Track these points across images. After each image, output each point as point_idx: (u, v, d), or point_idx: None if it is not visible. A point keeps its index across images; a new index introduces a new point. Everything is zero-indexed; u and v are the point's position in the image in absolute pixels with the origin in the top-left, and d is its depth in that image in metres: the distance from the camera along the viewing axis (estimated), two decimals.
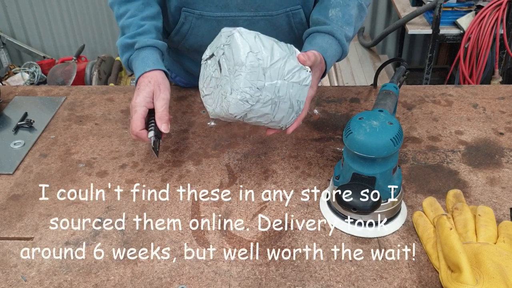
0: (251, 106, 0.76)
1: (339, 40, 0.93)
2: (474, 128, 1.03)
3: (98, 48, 3.38)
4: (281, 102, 0.79)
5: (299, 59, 0.80)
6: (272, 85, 0.77)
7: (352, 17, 0.95)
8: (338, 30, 0.93)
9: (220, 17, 1.00)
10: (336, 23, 0.94)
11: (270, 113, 0.79)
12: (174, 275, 0.73)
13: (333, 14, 0.95)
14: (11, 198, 0.89)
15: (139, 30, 0.95)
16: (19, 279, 0.73)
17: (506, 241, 0.71)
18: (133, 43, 0.95)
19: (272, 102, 0.78)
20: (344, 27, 0.94)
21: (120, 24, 0.99)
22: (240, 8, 0.99)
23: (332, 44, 0.92)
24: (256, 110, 0.78)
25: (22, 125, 1.08)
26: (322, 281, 0.71)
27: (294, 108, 0.82)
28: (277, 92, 0.78)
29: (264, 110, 0.78)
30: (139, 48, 0.94)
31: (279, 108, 0.80)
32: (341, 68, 2.87)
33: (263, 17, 1.00)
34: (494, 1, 2.44)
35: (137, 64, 0.94)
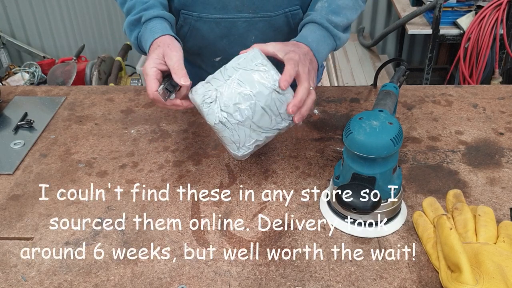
0: (215, 101, 0.78)
1: (321, 24, 0.91)
2: (474, 128, 1.03)
3: (98, 48, 3.38)
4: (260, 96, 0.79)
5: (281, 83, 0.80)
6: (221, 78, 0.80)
7: (341, 7, 0.94)
8: (319, 15, 0.92)
9: (219, 19, 1.00)
10: (320, 13, 0.93)
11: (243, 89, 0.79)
12: (174, 275, 0.73)
13: (319, 6, 0.95)
14: (11, 198, 0.89)
15: (143, 6, 0.92)
16: (19, 279, 0.73)
17: (506, 241, 0.71)
18: (139, 17, 0.92)
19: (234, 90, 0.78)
20: (329, 14, 0.93)
21: (125, 10, 0.97)
22: (239, 9, 0.99)
23: (315, 30, 0.91)
24: (226, 99, 0.78)
25: (22, 125, 1.08)
26: (322, 281, 0.71)
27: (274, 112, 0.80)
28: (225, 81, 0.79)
29: (233, 91, 0.78)
30: (146, 21, 0.91)
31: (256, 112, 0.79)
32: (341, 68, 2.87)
33: (261, 18, 1.00)
34: (494, 1, 2.44)
35: (146, 36, 0.90)
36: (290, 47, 0.85)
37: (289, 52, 0.83)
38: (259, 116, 0.79)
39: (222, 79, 0.80)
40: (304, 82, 0.80)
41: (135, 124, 1.07)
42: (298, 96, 0.79)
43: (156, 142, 1.01)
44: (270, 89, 0.78)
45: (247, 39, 1.03)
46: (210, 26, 1.01)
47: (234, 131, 0.79)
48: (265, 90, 0.78)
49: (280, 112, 0.80)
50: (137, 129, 1.06)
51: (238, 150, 0.82)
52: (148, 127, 1.06)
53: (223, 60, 1.08)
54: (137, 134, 1.04)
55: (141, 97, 1.17)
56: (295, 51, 0.83)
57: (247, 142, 0.81)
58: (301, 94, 0.79)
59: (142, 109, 1.13)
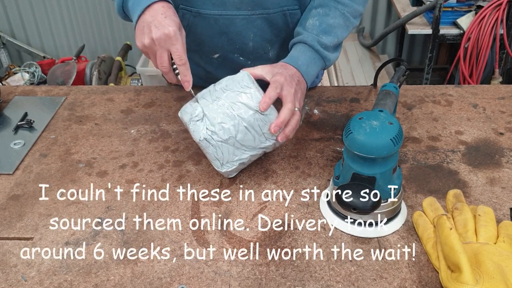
0: (202, 119, 0.83)
1: (311, 46, 0.94)
2: (474, 128, 1.03)
3: (98, 48, 3.38)
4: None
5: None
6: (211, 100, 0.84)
7: (331, 27, 0.96)
8: (310, 36, 0.94)
9: (218, 16, 1.00)
10: (311, 32, 0.95)
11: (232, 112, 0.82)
12: (174, 275, 0.73)
13: (310, 23, 0.96)
14: (11, 198, 0.89)
15: None
16: (19, 279, 0.73)
17: (506, 241, 0.71)
18: None
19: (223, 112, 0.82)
20: (320, 35, 0.95)
21: None
22: (237, 6, 0.99)
23: (305, 51, 0.94)
24: (211, 118, 0.82)
25: (22, 125, 1.08)
26: (322, 281, 0.71)
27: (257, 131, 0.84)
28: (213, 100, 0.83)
29: (219, 111, 0.82)
30: None
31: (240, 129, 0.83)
32: (341, 68, 2.87)
33: (260, 15, 1.00)
34: (494, 1, 2.44)
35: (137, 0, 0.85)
36: (278, 69, 0.88)
37: (275, 74, 0.86)
38: (243, 135, 0.83)
39: (210, 99, 0.84)
40: (288, 103, 0.83)
41: (135, 124, 1.07)
42: (281, 117, 0.82)
43: (156, 142, 1.01)
44: (253, 110, 0.82)
45: (245, 36, 1.03)
46: (208, 22, 1.01)
47: (218, 148, 0.83)
48: (249, 111, 0.82)
49: (263, 132, 0.84)
50: (137, 129, 1.06)
51: (222, 166, 0.86)
52: (148, 127, 1.06)
53: (221, 57, 1.08)
54: (137, 134, 1.04)
55: (141, 97, 1.17)
56: (281, 73, 0.87)
57: (231, 159, 0.85)
58: (284, 115, 0.82)
59: (142, 109, 1.13)
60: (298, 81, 0.89)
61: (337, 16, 0.97)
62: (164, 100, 1.15)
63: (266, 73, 0.87)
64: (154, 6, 0.83)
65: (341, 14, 0.97)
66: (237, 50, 1.06)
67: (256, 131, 0.84)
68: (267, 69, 0.88)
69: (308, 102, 1.13)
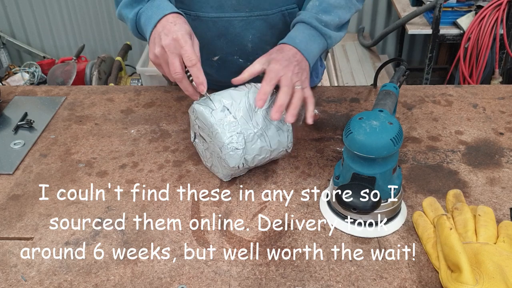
0: (242, 150, 0.82)
1: (309, 23, 0.91)
2: (474, 128, 1.03)
3: (98, 48, 3.38)
4: (266, 130, 0.84)
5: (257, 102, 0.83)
6: (247, 122, 0.83)
7: (332, 6, 0.94)
8: (307, 14, 0.92)
9: (216, 18, 1.00)
10: (309, 11, 0.93)
11: (264, 144, 0.84)
12: (174, 275, 0.73)
13: (310, 5, 0.95)
14: (11, 198, 0.89)
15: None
16: (19, 279, 0.73)
17: (506, 241, 0.71)
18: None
19: (257, 134, 0.83)
20: (319, 13, 0.92)
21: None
22: (235, 8, 0.99)
23: (303, 30, 0.91)
24: (250, 150, 0.83)
25: (22, 125, 1.08)
26: (322, 281, 0.71)
27: (283, 128, 0.86)
28: (256, 125, 0.83)
29: (257, 145, 0.84)
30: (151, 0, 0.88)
31: (268, 136, 0.85)
32: (341, 68, 2.87)
33: (258, 16, 1.00)
34: (494, 1, 2.44)
35: (151, 13, 0.87)
36: (274, 54, 0.87)
37: (270, 63, 0.85)
38: (262, 162, 0.88)
39: (251, 125, 0.83)
40: (283, 87, 0.83)
41: (135, 124, 1.07)
42: (278, 101, 0.82)
43: (156, 142, 1.01)
44: (285, 146, 0.88)
45: (244, 38, 1.03)
46: (207, 25, 1.01)
47: (240, 170, 0.86)
48: (281, 147, 0.87)
49: (273, 149, 0.87)
50: (137, 129, 1.06)
51: (226, 177, 0.89)
52: (148, 127, 1.06)
53: (221, 59, 1.08)
54: (137, 134, 1.04)
55: (141, 97, 1.17)
56: (276, 59, 0.85)
57: (238, 175, 0.89)
58: (281, 98, 0.82)
59: (142, 109, 1.13)
60: (297, 61, 0.87)
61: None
62: (164, 100, 1.15)
63: (263, 64, 0.86)
64: (165, 18, 0.84)
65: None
66: (237, 52, 1.06)
67: (273, 156, 0.88)
68: (263, 59, 0.86)
69: None
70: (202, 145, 0.90)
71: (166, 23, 0.83)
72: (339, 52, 3.03)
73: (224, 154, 0.82)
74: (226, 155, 0.82)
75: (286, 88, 0.82)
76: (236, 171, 0.86)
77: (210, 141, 0.85)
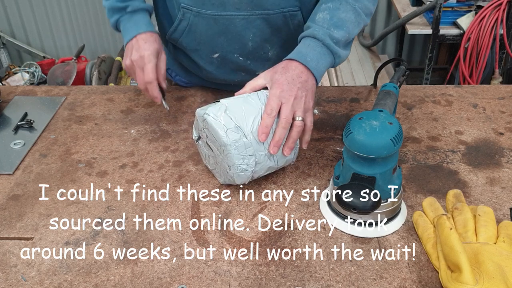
0: (252, 171, 0.83)
1: (321, 40, 0.90)
2: (474, 128, 1.03)
3: (98, 48, 3.38)
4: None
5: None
6: (259, 143, 0.82)
7: (343, 21, 0.92)
8: (321, 30, 0.91)
9: (217, 16, 1.00)
10: (321, 26, 0.92)
11: (272, 164, 0.85)
12: (174, 275, 0.73)
13: (320, 17, 0.93)
14: (11, 198, 0.89)
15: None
16: (19, 279, 0.73)
17: (506, 241, 0.71)
18: (125, 6, 1.03)
19: (267, 155, 0.84)
20: (331, 29, 0.91)
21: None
22: (237, 6, 0.99)
23: (315, 47, 0.90)
24: (259, 170, 0.84)
25: (22, 125, 1.08)
26: (322, 281, 0.71)
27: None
28: (267, 145, 0.83)
29: (266, 165, 0.84)
30: (131, 12, 1.03)
31: (277, 155, 0.85)
32: (341, 68, 2.87)
33: (259, 15, 1.00)
34: (494, 1, 2.44)
35: (129, 26, 1.02)
36: (278, 74, 0.87)
37: (273, 85, 0.86)
38: (263, 169, 0.86)
39: (262, 147, 0.82)
40: (282, 120, 0.83)
41: (135, 124, 1.07)
42: (276, 137, 0.83)
43: (156, 142, 1.01)
44: (290, 161, 0.88)
45: (245, 36, 1.03)
46: (208, 22, 1.01)
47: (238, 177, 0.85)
48: (287, 162, 0.88)
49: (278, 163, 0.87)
50: (137, 129, 1.06)
51: (224, 181, 0.88)
52: (148, 127, 1.06)
53: (221, 57, 1.08)
54: (137, 134, 1.04)
55: (141, 97, 1.17)
56: (278, 82, 0.85)
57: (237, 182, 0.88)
58: (278, 133, 0.83)
59: (142, 109, 1.13)
60: (302, 82, 0.86)
61: (349, 11, 0.93)
62: None
63: (266, 80, 0.88)
64: (139, 35, 1.00)
65: (352, 9, 0.94)
66: (237, 50, 1.06)
67: (278, 168, 0.89)
68: (268, 76, 0.87)
69: None
70: (206, 150, 0.89)
71: (139, 39, 1.00)
72: None
73: (233, 172, 0.82)
74: (234, 174, 0.82)
75: (285, 121, 0.82)
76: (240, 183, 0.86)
77: (218, 154, 0.84)
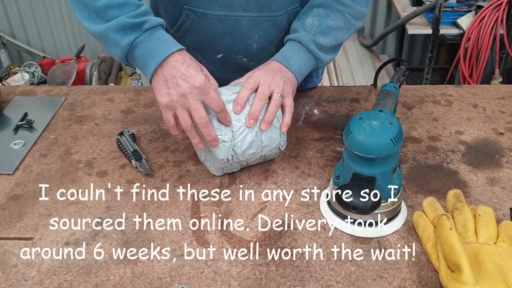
0: (230, 142, 0.83)
1: (306, 46, 0.94)
2: (474, 128, 1.03)
3: (98, 48, 3.38)
4: (257, 124, 0.85)
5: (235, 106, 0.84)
6: (237, 115, 0.84)
7: (331, 28, 0.96)
8: (306, 36, 0.94)
9: (223, 16, 1.00)
10: (308, 31, 0.95)
11: (256, 139, 0.85)
12: (174, 275, 0.73)
13: (309, 22, 0.96)
14: (11, 198, 0.89)
15: (141, 10, 0.83)
16: (19, 279, 0.73)
17: (506, 241, 0.71)
18: (141, 22, 0.81)
19: (249, 129, 0.84)
20: (317, 36, 0.95)
21: (102, 4, 0.82)
22: (244, 8, 0.98)
23: (299, 51, 0.94)
24: (240, 142, 0.84)
25: (22, 125, 1.08)
26: (322, 281, 0.71)
27: (275, 124, 0.87)
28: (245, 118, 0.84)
29: (248, 139, 0.84)
30: (150, 29, 0.82)
31: (259, 130, 0.85)
32: (341, 68, 2.87)
33: (266, 17, 1.00)
34: (494, 1, 2.44)
35: (153, 45, 0.81)
36: (259, 67, 0.90)
37: (253, 71, 0.88)
38: (254, 157, 0.88)
39: (241, 117, 0.84)
40: (258, 93, 0.85)
41: (135, 124, 1.07)
42: (251, 109, 0.84)
43: (156, 142, 1.01)
44: (277, 143, 0.88)
45: (250, 37, 1.03)
46: (213, 23, 1.01)
47: (230, 164, 0.87)
48: (273, 144, 0.87)
49: (264, 145, 0.87)
50: (137, 129, 1.06)
51: (217, 171, 0.90)
52: (148, 127, 1.06)
53: (224, 58, 1.08)
54: (137, 134, 1.04)
55: (141, 97, 1.17)
56: (257, 68, 0.89)
57: (230, 170, 0.90)
58: (254, 105, 0.84)
59: (142, 109, 1.13)
60: (284, 72, 0.90)
61: (338, 18, 0.96)
62: None
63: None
64: (172, 58, 0.80)
65: (342, 16, 0.97)
66: (241, 51, 1.06)
67: (264, 156, 0.89)
68: (248, 74, 0.90)
69: (308, 102, 1.13)
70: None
71: (177, 65, 0.79)
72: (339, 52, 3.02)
73: (214, 148, 0.84)
74: (215, 148, 0.83)
75: (261, 94, 0.84)
76: (226, 164, 0.86)
77: (201, 133, 0.85)
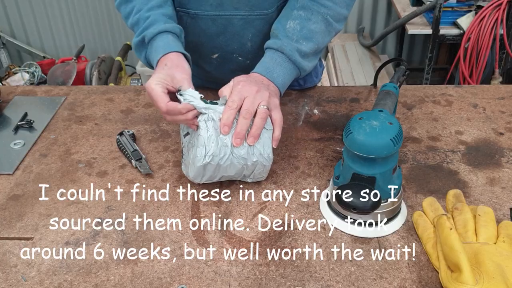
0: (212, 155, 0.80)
1: (289, 56, 0.91)
2: (474, 128, 1.03)
3: (98, 48, 3.38)
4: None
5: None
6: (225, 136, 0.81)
7: (313, 32, 0.93)
8: (289, 46, 0.91)
9: (215, 16, 1.00)
10: (290, 37, 0.92)
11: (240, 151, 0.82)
12: (174, 275, 0.73)
13: (291, 26, 0.93)
14: (11, 198, 0.89)
15: (145, 24, 0.93)
16: (19, 279, 0.73)
17: (506, 241, 0.71)
18: (143, 38, 0.93)
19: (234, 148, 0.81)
20: (300, 41, 0.92)
21: (129, 24, 0.98)
22: (235, 6, 0.98)
23: (282, 62, 0.91)
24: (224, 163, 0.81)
25: (22, 125, 1.08)
26: (322, 281, 0.71)
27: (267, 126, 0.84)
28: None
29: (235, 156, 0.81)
30: (150, 41, 0.92)
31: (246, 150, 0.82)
32: (341, 68, 2.87)
33: (258, 16, 1.00)
34: (494, 1, 2.44)
35: (152, 56, 0.92)
36: (240, 77, 0.86)
37: (235, 82, 0.84)
38: (233, 171, 0.84)
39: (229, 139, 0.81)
40: (243, 111, 0.81)
41: (135, 124, 1.07)
42: (237, 128, 0.80)
43: (156, 142, 1.01)
44: (259, 157, 0.83)
45: (243, 36, 1.03)
46: (206, 23, 1.01)
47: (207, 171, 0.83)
48: (257, 160, 0.83)
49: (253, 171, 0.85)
50: (137, 129, 1.06)
51: (194, 179, 0.85)
52: (148, 127, 1.06)
53: (220, 57, 1.08)
54: (137, 134, 1.04)
55: (141, 97, 1.17)
56: (239, 79, 0.85)
57: (209, 180, 0.85)
58: (239, 125, 0.80)
59: (142, 109, 1.13)
60: (266, 84, 0.87)
61: (319, 21, 0.93)
62: None
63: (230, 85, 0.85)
64: (158, 62, 0.88)
65: (323, 19, 0.94)
66: (236, 50, 1.06)
67: (248, 173, 0.86)
68: (232, 82, 0.86)
69: (308, 102, 1.13)
70: (186, 145, 0.88)
71: (157, 69, 0.88)
72: (339, 52, 3.03)
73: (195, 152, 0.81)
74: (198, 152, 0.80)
75: (245, 112, 0.80)
76: (202, 171, 0.82)
77: (191, 142, 0.85)
